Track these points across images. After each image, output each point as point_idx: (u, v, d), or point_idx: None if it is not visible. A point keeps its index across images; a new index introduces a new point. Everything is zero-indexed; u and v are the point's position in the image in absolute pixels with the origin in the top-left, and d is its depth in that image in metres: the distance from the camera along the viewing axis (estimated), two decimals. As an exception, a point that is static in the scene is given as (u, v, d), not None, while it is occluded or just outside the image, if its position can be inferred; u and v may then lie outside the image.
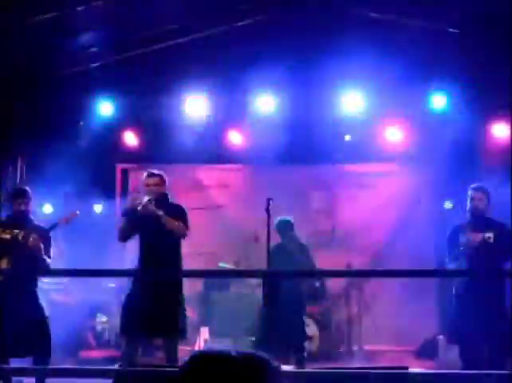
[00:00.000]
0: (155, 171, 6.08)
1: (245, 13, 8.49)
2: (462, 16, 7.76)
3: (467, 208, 5.95)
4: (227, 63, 8.06)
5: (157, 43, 8.58)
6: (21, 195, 5.88)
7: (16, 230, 5.75)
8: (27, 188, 6.03)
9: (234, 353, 1.68)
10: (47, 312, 5.78)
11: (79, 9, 7.40)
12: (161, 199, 5.90)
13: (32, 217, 5.93)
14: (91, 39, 8.10)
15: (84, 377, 4.51)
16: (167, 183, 6.04)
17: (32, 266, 5.73)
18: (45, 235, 5.80)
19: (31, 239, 5.66)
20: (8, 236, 5.76)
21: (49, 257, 5.81)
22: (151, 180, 5.95)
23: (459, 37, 8.15)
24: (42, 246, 5.72)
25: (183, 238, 5.95)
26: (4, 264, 5.66)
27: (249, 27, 8.55)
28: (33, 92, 8.29)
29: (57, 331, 5.96)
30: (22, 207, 5.81)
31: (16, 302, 5.50)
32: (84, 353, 7.84)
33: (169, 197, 6.05)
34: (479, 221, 5.84)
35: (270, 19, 8.49)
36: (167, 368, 4.60)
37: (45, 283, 6.15)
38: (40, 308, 5.73)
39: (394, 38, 7.95)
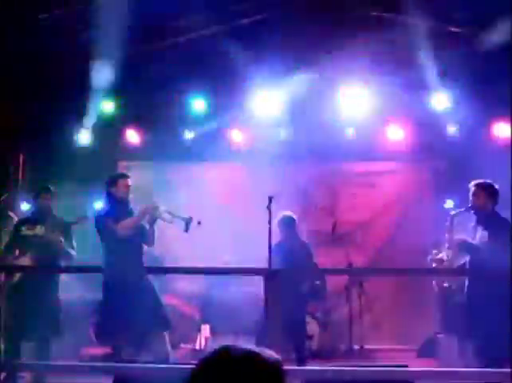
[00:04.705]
0: None
1: (246, 12, 8.50)
2: (464, 15, 7.77)
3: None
4: (229, 62, 8.06)
5: (159, 42, 8.60)
6: (46, 190, 6.25)
7: (38, 226, 6.07)
8: (51, 186, 6.37)
9: (259, 352, 1.64)
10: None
11: (80, 7, 7.42)
12: None
13: (54, 213, 6.22)
14: (93, 37, 8.11)
15: (84, 373, 4.53)
16: None
17: (53, 260, 6.07)
18: (66, 228, 6.13)
19: (53, 236, 5.98)
20: (30, 233, 6.07)
21: (73, 248, 6.14)
22: (130, 181, 6.03)
23: (462, 37, 8.16)
24: (63, 240, 6.02)
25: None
26: (27, 261, 5.97)
27: (250, 26, 8.56)
28: (36, 90, 8.29)
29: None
30: (47, 203, 6.18)
31: (36, 294, 5.80)
32: (85, 350, 7.84)
33: None
34: (479, 217, 5.82)
35: (272, 18, 8.49)
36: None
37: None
38: (56, 300, 6.05)
39: (396, 37, 7.96)
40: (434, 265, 6.80)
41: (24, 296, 5.83)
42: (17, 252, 6.10)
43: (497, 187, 5.81)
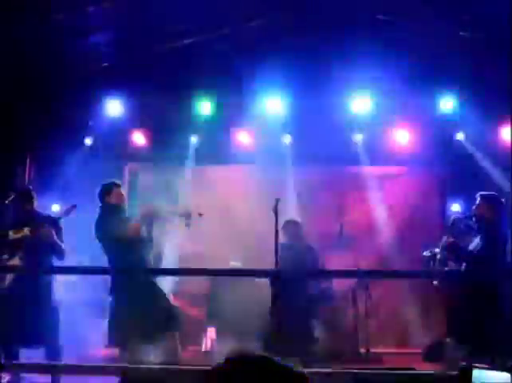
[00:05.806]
0: None
1: (253, 15, 8.51)
2: (471, 19, 7.76)
3: None
4: (235, 64, 8.07)
5: (165, 44, 8.61)
6: (27, 195, 6.24)
7: (25, 229, 6.01)
8: (30, 187, 6.45)
9: (273, 360, 1.64)
10: (58, 307, 6.00)
11: (90, 9, 7.44)
12: None
13: (38, 211, 6.19)
14: (100, 39, 8.14)
15: (90, 374, 4.53)
16: None
17: (45, 259, 5.94)
18: (55, 223, 6.04)
19: (42, 233, 5.92)
20: (19, 235, 6.03)
21: (62, 241, 6.05)
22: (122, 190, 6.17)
23: (468, 40, 8.15)
24: (54, 233, 5.95)
25: None
26: (16, 261, 5.90)
27: (257, 29, 8.57)
28: (43, 92, 8.32)
29: (65, 329, 6.00)
30: (29, 207, 6.16)
31: (27, 295, 5.71)
32: (91, 352, 7.84)
33: None
34: (479, 226, 5.98)
35: (279, 21, 8.50)
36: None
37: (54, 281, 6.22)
38: (51, 300, 5.92)
39: (403, 41, 7.95)
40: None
41: (18, 298, 5.73)
42: (5, 255, 5.97)
43: (502, 199, 5.89)
